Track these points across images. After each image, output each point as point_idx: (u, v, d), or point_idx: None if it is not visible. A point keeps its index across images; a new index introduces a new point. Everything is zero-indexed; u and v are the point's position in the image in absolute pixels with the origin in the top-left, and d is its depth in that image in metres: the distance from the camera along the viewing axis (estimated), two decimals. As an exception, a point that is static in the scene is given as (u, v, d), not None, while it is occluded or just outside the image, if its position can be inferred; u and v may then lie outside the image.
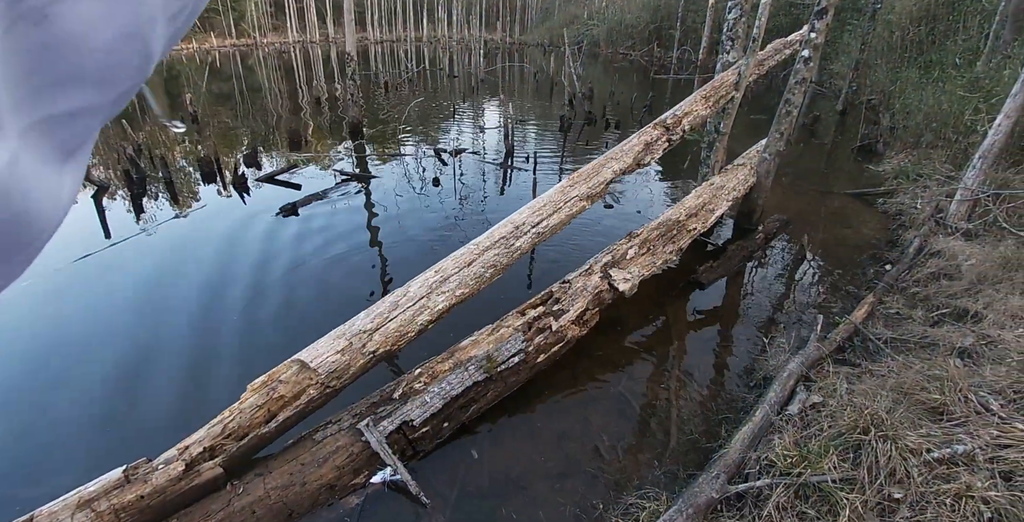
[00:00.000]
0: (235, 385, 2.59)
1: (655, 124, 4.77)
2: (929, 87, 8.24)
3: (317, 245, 5.24)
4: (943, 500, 2.09)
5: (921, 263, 4.53)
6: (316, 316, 3.93)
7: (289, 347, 2.77)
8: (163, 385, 3.28)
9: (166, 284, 4.52)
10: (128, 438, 2.88)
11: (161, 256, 5.05)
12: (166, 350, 3.62)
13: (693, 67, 19.69)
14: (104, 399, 3.17)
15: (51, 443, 2.86)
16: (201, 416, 2.51)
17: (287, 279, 4.56)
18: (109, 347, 3.65)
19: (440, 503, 2.48)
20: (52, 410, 3.09)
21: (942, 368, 2.87)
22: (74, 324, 3.94)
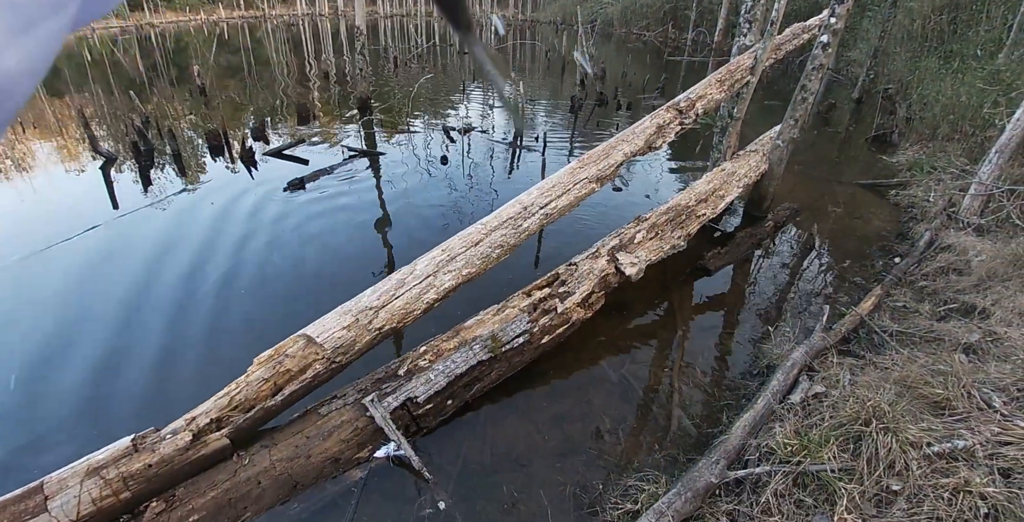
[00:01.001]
0: (242, 358, 2.61)
1: (668, 107, 4.71)
2: (948, 78, 8.08)
3: (323, 220, 5.23)
4: (941, 494, 2.10)
5: (931, 257, 4.50)
6: (321, 292, 3.95)
7: (294, 321, 2.78)
8: (171, 355, 3.32)
9: (171, 257, 4.53)
10: (138, 409, 2.92)
11: (167, 229, 5.06)
12: (174, 321, 3.65)
13: (708, 49, 19.34)
14: (113, 365, 3.21)
15: (65, 408, 2.91)
16: (209, 387, 2.54)
17: (293, 254, 4.57)
18: (114, 317, 3.68)
19: (442, 479, 2.52)
20: (70, 375, 3.13)
21: (947, 363, 2.87)
22: (84, 295, 3.97)
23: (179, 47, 20.12)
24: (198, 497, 2.28)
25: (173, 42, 21.39)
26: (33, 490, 2.14)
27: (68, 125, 8.92)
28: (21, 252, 4.51)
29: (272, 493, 2.35)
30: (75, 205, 5.65)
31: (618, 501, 2.37)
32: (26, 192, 6.00)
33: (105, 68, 15.04)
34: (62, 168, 6.86)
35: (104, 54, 18.27)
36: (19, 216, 5.37)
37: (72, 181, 6.40)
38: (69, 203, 5.73)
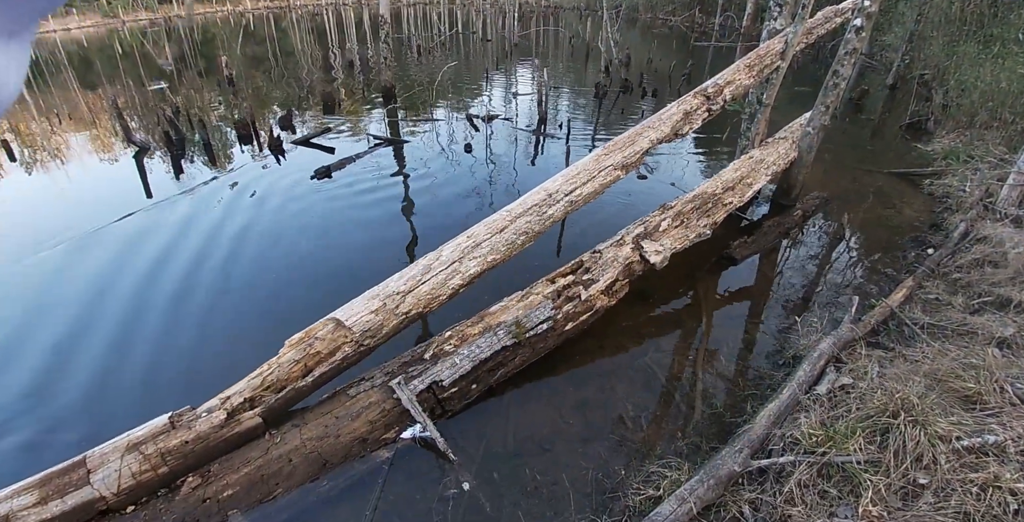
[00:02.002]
0: (275, 338, 2.68)
1: (695, 93, 4.63)
2: (988, 63, 7.78)
3: (350, 208, 5.30)
4: (969, 489, 2.08)
5: (965, 248, 4.38)
6: (348, 277, 4.02)
7: (322, 305, 2.84)
8: (216, 333, 3.42)
9: (207, 244, 4.64)
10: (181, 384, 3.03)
11: (199, 216, 5.18)
12: (216, 304, 3.75)
13: (736, 34, 18.89)
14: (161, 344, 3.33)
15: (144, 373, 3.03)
16: (244, 367, 2.61)
17: (321, 240, 4.65)
18: (164, 296, 3.80)
19: (467, 461, 2.57)
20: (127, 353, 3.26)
21: (979, 357, 2.81)
22: (121, 280, 4.11)
23: (206, 38, 20.40)
24: (232, 473, 2.36)
25: (200, 33, 21.68)
26: (76, 464, 2.24)
27: (101, 116, 9.14)
28: (61, 238, 4.67)
29: (303, 471, 2.42)
30: (110, 193, 5.81)
31: (640, 487, 2.39)
32: (62, 181, 6.19)
33: (136, 60, 15.34)
34: (96, 158, 7.06)
35: (134, 46, 18.62)
36: (58, 204, 5.55)
37: (107, 170, 6.58)
38: (105, 191, 5.90)
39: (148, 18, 27.68)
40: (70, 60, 16.00)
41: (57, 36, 21.77)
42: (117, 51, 17.25)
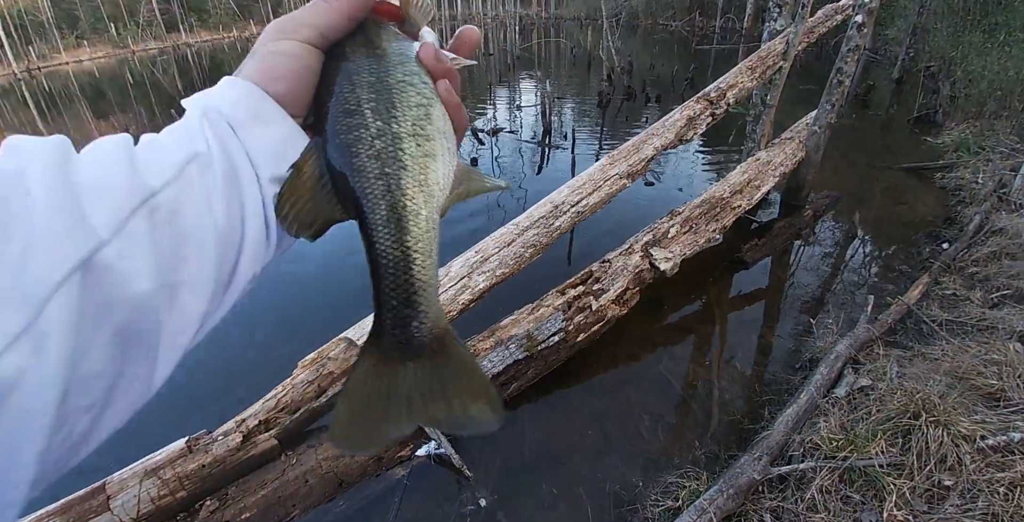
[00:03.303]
0: (289, 360, 2.71)
1: (698, 98, 4.63)
2: (994, 52, 7.69)
3: (354, 224, 5.34)
4: (996, 489, 2.03)
5: (981, 241, 4.30)
6: (358, 294, 4.04)
7: (337, 324, 2.86)
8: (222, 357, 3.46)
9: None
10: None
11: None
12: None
13: (737, 36, 18.91)
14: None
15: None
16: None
17: (327, 262, 4.69)
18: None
19: (483, 477, 2.56)
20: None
21: (1001, 352, 2.76)
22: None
23: (214, 64, 20.84)
24: (249, 495, 2.38)
25: (208, 60, 22.17)
26: (96, 490, 2.27)
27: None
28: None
29: (319, 491, 2.43)
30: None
31: (658, 498, 2.36)
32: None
33: (146, 89, 15.71)
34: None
35: (144, 75, 19.07)
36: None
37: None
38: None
39: (157, 47, 28.37)
40: (82, 91, 16.42)
41: (70, 68, 22.39)
42: (128, 80, 17.68)
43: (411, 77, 0.43)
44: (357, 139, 0.39)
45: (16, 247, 0.26)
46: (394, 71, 0.42)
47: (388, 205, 0.39)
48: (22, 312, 0.25)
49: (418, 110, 0.42)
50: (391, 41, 0.44)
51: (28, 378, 0.25)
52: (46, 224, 0.27)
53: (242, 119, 0.38)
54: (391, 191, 0.39)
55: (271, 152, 0.39)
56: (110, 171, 0.32)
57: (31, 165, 0.29)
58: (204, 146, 0.36)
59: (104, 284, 0.29)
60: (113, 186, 0.31)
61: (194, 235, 0.34)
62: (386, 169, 0.39)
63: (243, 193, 0.37)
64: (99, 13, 29.15)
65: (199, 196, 0.34)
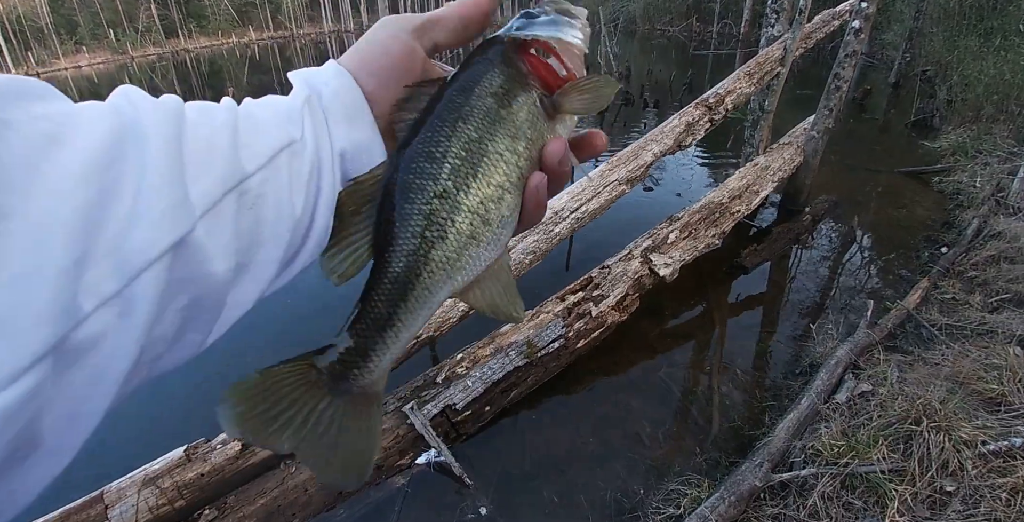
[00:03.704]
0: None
1: (696, 103, 4.64)
2: (990, 56, 7.74)
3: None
4: (998, 494, 2.03)
5: (980, 245, 4.31)
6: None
7: (334, 332, 2.86)
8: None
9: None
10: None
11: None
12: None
13: (734, 41, 19.01)
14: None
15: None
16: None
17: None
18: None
19: (483, 484, 2.55)
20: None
21: (1001, 357, 2.76)
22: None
23: (213, 70, 20.90)
24: (248, 504, 2.36)
25: (207, 66, 22.23)
26: (94, 500, 2.26)
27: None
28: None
29: (319, 500, 2.42)
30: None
31: (660, 506, 2.35)
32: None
33: (146, 93, 15.73)
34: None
35: (143, 81, 19.10)
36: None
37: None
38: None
39: (156, 53, 28.44)
40: (81, 97, 16.40)
41: (68, 74, 22.44)
42: (128, 87, 17.70)
43: (513, 156, 0.40)
44: (420, 188, 0.38)
45: (124, 208, 0.27)
46: (502, 140, 0.39)
47: (405, 267, 0.38)
48: (118, 277, 0.26)
49: (495, 190, 0.39)
50: (525, 106, 0.40)
51: (110, 339, 0.26)
52: (155, 194, 0.28)
53: (337, 114, 0.39)
54: (416, 255, 0.38)
55: (350, 153, 0.40)
56: (215, 145, 0.32)
57: (149, 122, 0.29)
58: (299, 133, 0.37)
59: (191, 261, 0.29)
60: (215, 164, 0.32)
61: (272, 221, 0.34)
62: (426, 232, 0.38)
63: (322, 186, 0.38)
64: (98, 19, 29.27)
65: (284, 184, 0.35)
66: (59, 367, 0.24)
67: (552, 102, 0.42)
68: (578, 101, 0.41)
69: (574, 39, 0.43)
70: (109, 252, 0.26)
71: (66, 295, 0.24)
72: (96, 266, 0.25)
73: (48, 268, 0.23)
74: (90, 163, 0.26)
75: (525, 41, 0.42)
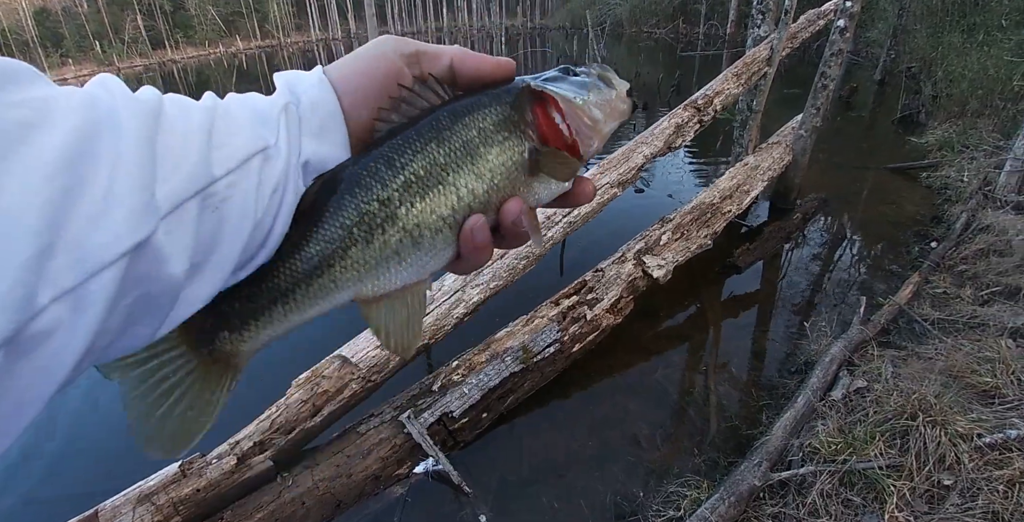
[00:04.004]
0: (283, 379, 2.68)
1: (685, 105, 4.67)
2: (973, 52, 7.82)
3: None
4: (995, 487, 2.04)
5: (969, 239, 4.35)
6: (351, 312, 4.01)
7: (330, 342, 2.84)
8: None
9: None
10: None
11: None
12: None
13: (721, 42, 19.15)
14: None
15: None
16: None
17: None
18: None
19: (482, 492, 2.53)
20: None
21: (993, 349, 2.78)
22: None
23: (201, 80, 20.83)
24: (245, 519, 2.34)
25: (195, 76, 22.16)
26: (88, 518, 2.22)
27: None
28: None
29: (316, 512, 2.40)
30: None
31: (660, 508, 2.35)
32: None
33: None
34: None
35: (132, 92, 19.01)
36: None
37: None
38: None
39: (143, 64, 28.33)
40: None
41: (56, 89, 22.27)
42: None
43: (469, 195, 0.39)
44: (367, 187, 0.38)
45: (91, 205, 0.26)
46: (466, 176, 0.39)
47: (320, 253, 0.38)
48: (77, 272, 0.26)
49: (436, 220, 0.39)
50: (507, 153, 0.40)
51: (61, 333, 0.26)
52: (124, 193, 0.28)
53: (311, 125, 0.39)
54: (335, 245, 0.37)
55: (314, 166, 0.39)
56: (188, 145, 0.32)
57: (125, 116, 0.29)
58: (274, 139, 0.36)
59: (148, 261, 0.29)
60: (185, 164, 0.31)
61: (234, 224, 0.34)
62: (354, 229, 0.37)
63: (286, 193, 0.37)
64: (84, 31, 29.15)
65: (251, 188, 0.35)
66: (10, 358, 0.24)
67: (538, 160, 0.41)
68: (554, 167, 0.41)
69: (594, 111, 0.41)
70: (71, 247, 0.26)
71: (25, 288, 0.24)
72: (56, 259, 0.25)
73: (10, 260, 0.23)
74: (62, 156, 0.26)
75: (544, 94, 0.41)
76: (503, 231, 0.41)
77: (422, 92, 0.40)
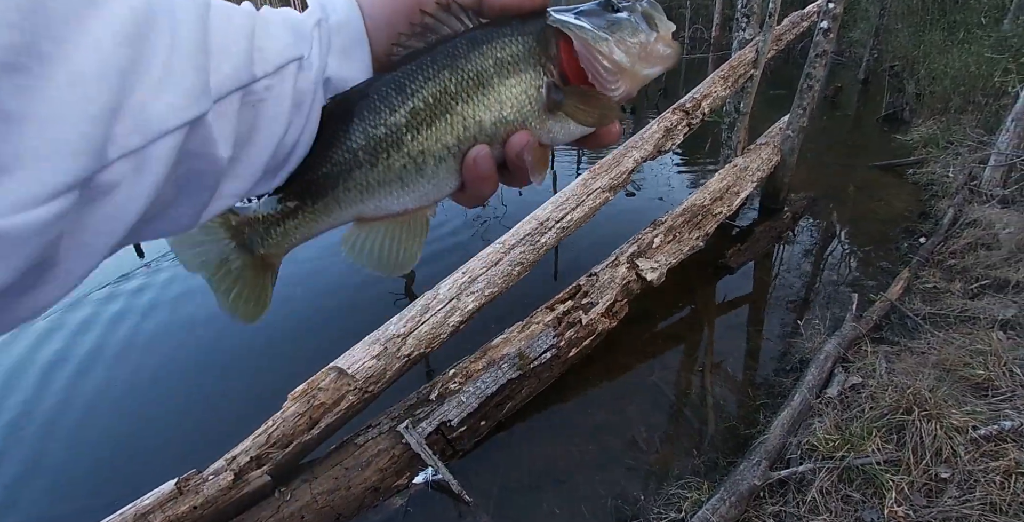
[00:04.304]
0: (279, 393, 2.67)
1: (674, 109, 4.70)
2: (955, 49, 7.93)
3: (340, 252, 5.33)
4: (992, 478, 2.05)
5: (957, 234, 4.40)
6: (346, 323, 4.01)
7: (326, 354, 2.83)
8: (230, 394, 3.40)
9: (200, 301, 4.65)
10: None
11: (191, 274, 5.18)
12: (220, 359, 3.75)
13: (706, 45, 19.32)
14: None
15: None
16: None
17: (314, 286, 4.66)
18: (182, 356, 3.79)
19: (483, 500, 2.53)
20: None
21: (984, 342, 2.80)
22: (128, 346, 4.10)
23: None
24: (246, 535, 2.32)
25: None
26: (89, 540, 2.21)
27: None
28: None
29: (318, 526, 2.38)
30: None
31: (662, 511, 2.35)
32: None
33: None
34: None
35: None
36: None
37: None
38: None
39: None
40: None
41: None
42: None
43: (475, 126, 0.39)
44: (375, 110, 0.39)
45: (154, 76, 0.28)
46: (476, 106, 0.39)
47: (326, 173, 0.40)
48: (141, 135, 0.28)
49: (441, 149, 0.39)
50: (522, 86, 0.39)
51: (124, 189, 0.28)
52: (182, 70, 0.29)
53: (337, 45, 0.40)
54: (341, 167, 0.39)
55: (334, 85, 0.41)
56: (234, 41, 0.34)
57: (180, 3, 0.31)
58: (307, 51, 0.38)
59: (201, 140, 0.32)
60: (231, 58, 0.33)
61: (267, 124, 0.36)
62: (360, 153, 0.39)
63: (314, 105, 0.39)
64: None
65: (285, 94, 0.36)
66: (82, 201, 0.27)
67: (557, 98, 0.40)
68: (574, 108, 0.40)
69: (618, 54, 0.39)
70: (136, 112, 0.28)
71: (96, 140, 0.26)
72: (123, 121, 0.27)
73: (83, 112, 0.25)
74: (128, 28, 0.27)
75: (568, 32, 0.39)
76: (508, 164, 0.42)
77: (445, 19, 0.39)
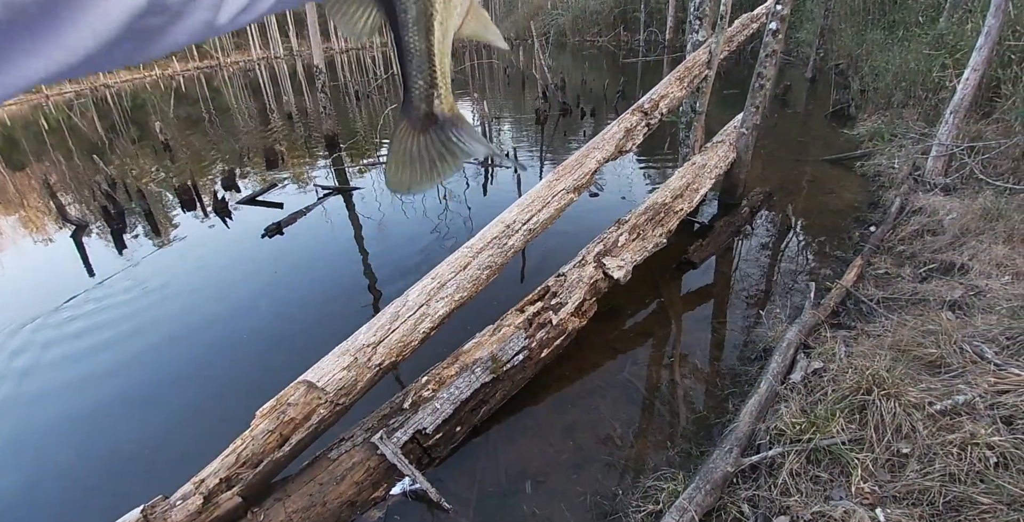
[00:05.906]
0: (247, 411, 2.59)
1: (633, 110, 4.79)
2: (895, 47, 8.33)
3: (306, 263, 5.23)
4: (950, 450, 2.15)
5: (904, 222, 4.61)
6: (314, 334, 3.93)
7: (294, 368, 2.77)
8: (179, 417, 3.28)
9: (160, 319, 4.49)
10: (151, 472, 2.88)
11: (149, 290, 5.02)
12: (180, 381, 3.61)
13: (661, 48, 19.75)
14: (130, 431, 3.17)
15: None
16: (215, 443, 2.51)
17: (280, 297, 4.56)
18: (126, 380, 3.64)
19: (461, 507, 2.51)
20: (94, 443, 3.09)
21: (935, 322, 2.93)
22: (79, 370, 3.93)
23: (136, 104, 20.07)
24: (219, 558, 2.24)
25: (130, 100, 21.34)
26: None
27: (31, 196, 8.85)
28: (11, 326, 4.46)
29: (294, 543, 2.32)
30: (48, 278, 5.60)
31: (639, 503, 2.37)
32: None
33: (63, 134, 14.93)
34: (30, 241, 6.82)
35: (61, 120, 18.15)
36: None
37: (43, 253, 6.35)
38: (42, 276, 5.69)
39: (74, 90, 27.04)
40: (-4, 146, 15.48)
41: (-21, 121, 21.06)
42: (43, 127, 16.75)
43: None
44: None
45: None
46: None
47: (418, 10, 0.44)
48: None
49: None
50: None
51: None
52: None
53: None
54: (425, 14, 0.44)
55: None
56: None
57: None
58: None
59: None
60: None
61: None
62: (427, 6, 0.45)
63: None
64: (6, 64, 27.64)
65: None
66: None
67: None
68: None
69: None
70: None
71: None
72: None
73: None
74: None
75: None
76: None
77: None
